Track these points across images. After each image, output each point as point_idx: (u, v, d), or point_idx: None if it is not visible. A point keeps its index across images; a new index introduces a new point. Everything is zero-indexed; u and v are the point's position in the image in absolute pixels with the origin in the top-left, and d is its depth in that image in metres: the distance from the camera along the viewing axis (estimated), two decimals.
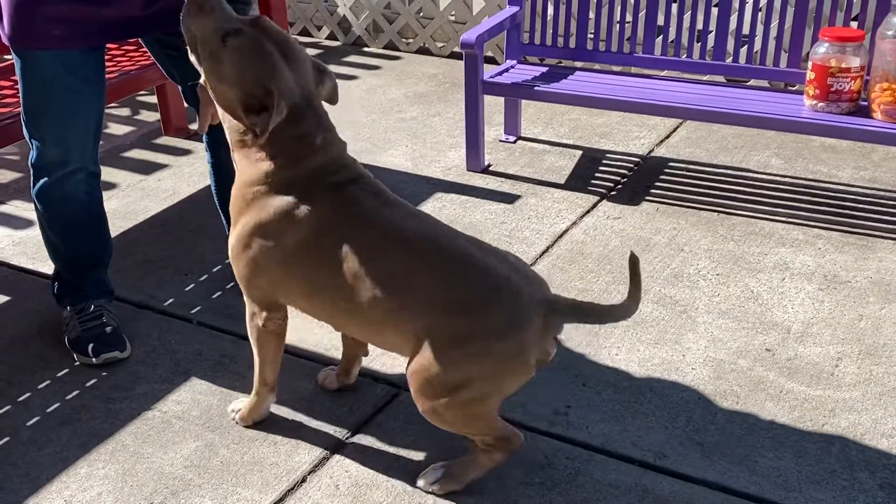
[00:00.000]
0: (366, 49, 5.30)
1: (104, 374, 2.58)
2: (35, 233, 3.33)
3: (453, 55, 5.08)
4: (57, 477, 2.22)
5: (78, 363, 2.61)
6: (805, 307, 2.78)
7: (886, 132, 3.12)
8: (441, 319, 1.96)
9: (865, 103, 3.26)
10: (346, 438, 2.31)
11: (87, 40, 2.39)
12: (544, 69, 3.80)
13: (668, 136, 4.00)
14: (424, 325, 1.97)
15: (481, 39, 3.54)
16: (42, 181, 2.53)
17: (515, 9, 3.79)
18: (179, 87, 2.67)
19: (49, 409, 2.45)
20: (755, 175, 3.63)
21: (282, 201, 2.05)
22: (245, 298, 2.21)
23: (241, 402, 2.37)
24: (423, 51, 5.17)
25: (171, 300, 2.92)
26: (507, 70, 3.78)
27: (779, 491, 2.11)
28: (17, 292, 3.00)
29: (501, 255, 2.06)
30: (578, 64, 4.17)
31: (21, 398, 2.50)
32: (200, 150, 3.99)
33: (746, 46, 3.60)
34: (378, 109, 4.40)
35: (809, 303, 2.80)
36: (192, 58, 2.09)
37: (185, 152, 4.03)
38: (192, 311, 2.85)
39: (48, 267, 3.05)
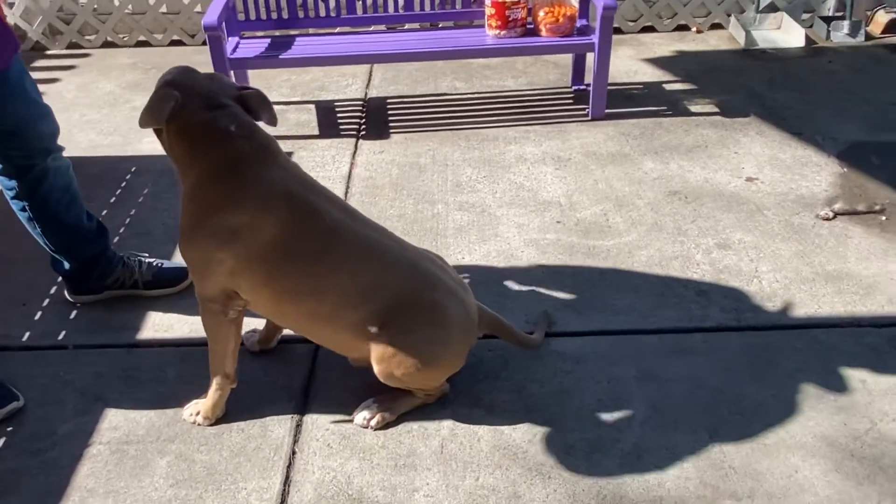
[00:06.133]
0: (48, 52, 4.23)
1: (10, 429, 1.84)
2: None
3: (139, 43, 4.24)
4: None
5: None
6: (557, 184, 2.78)
7: (554, 45, 3.16)
8: (406, 315, 1.69)
9: (531, 26, 3.26)
10: (302, 401, 1.89)
11: None
12: (266, 41, 3.29)
13: (369, 81, 3.72)
14: (390, 319, 1.68)
15: (220, 20, 2.95)
16: None
17: None
18: None
19: None
20: (451, 96, 3.52)
21: (233, 201, 1.61)
22: (199, 295, 1.70)
23: (197, 405, 1.83)
24: (108, 44, 4.25)
25: (27, 334, 2.15)
26: (236, 47, 3.22)
27: (640, 320, 2.12)
28: None
29: (438, 262, 1.82)
30: (277, 32, 3.69)
31: None
32: None
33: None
34: (105, 104, 3.54)
35: (557, 181, 2.81)
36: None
37: None
38: (60, 338, 2.13)
39: None
